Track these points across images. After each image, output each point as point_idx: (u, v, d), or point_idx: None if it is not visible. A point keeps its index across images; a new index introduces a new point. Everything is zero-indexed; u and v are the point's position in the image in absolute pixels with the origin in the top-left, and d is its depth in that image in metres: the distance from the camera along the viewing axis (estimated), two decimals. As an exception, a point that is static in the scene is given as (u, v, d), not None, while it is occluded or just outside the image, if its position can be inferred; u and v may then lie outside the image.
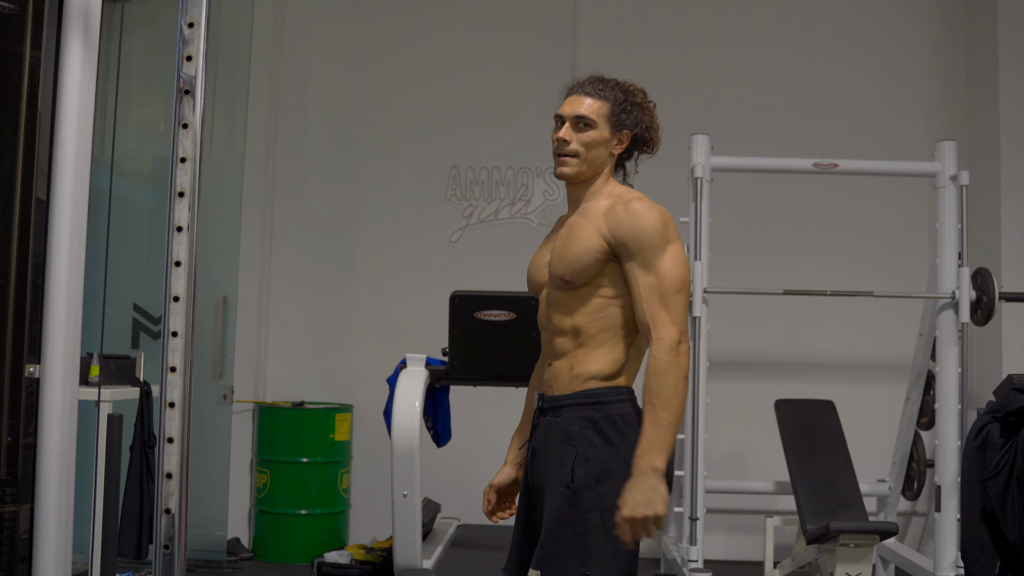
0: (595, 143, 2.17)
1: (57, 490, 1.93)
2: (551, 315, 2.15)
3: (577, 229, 2.12)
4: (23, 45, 2.02)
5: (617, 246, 2.06)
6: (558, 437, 2.09)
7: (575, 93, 2.24)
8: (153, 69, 5.42)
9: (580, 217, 2.15)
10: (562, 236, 2.16)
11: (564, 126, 2.19)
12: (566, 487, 2.03)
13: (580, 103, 2.20)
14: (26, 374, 1.97)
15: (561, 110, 2.22)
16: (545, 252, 2.23)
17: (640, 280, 2.03)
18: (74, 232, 1.97)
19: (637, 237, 2.04)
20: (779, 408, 4.67)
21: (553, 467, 2.07)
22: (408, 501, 3.77)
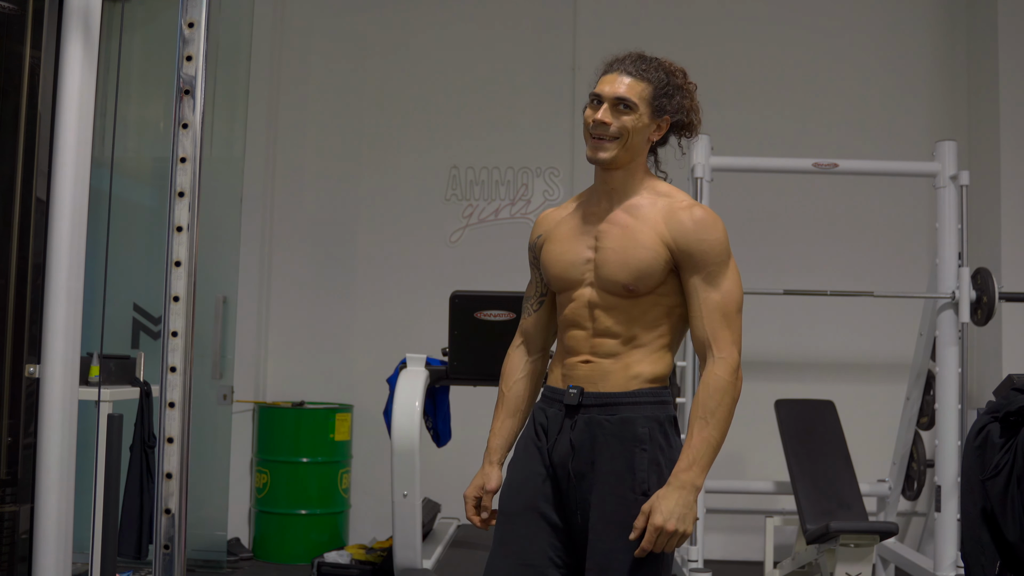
0: (636, 128, 2.04)
1: (57, 490, 1.93)
2: (596, 316, 2.04)
3: (635, 233, 2.01)
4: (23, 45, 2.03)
5: (681, 256, 2.00)
6: (618, 436, 1.99)
7: (615, 71, 2.07)
8: (153, 69, 5.42)
9: (631, 217, 2.04)
10: (614, 236, 2.03)
11: (603, 107, 2.04)
12: (642, 494, 1.96)
13: (621, 83, 2.04)
14: (26, 374, 1.97)
15: (599, 88, 2.06)
16: (579, 247, 2.08)
17: (703, 295, 2.00)
18: (74, 232, 1.97)
19: (704, 252, 2.00)
20: (779, 408, 4.67)
21: (616, 469, 1.98)
22: (408, 501, 3.77)
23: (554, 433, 2.07)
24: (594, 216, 2.10)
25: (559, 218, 2.19)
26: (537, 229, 2.23)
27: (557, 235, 2.15)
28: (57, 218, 1.95)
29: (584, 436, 2.02)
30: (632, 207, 2.06)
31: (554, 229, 2.17)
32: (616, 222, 2.05)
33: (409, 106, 5.82)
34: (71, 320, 1.96)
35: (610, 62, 2.12)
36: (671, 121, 2.11)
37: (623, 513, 1.95)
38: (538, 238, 2.21)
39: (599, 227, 2.07)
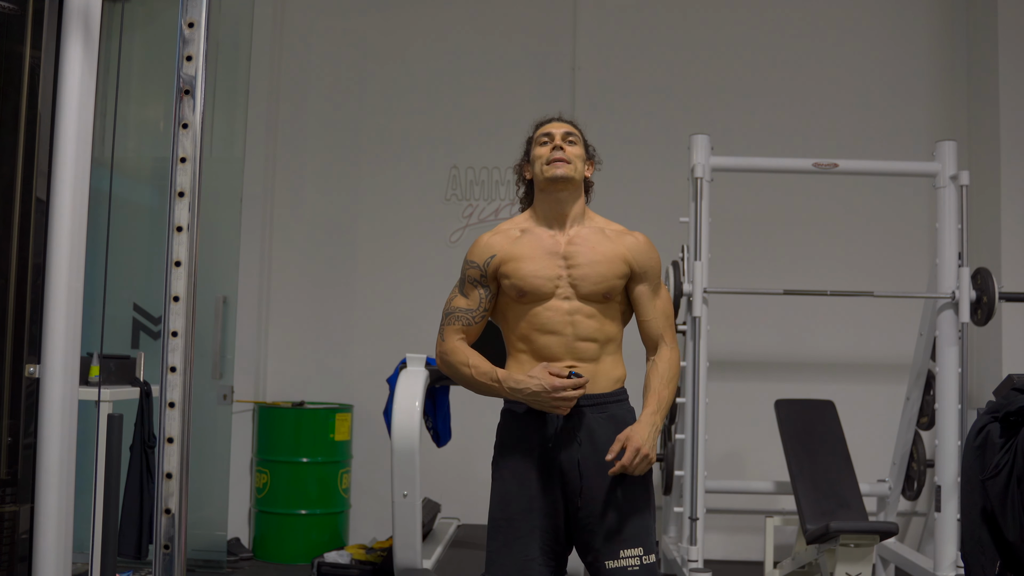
0: (581, 156, 2.56)
1: (57, 490, 1.93)
2: (576, 324, 2.42)
3: (602, 251, 2.45)
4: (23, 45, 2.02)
5: (636, 270, 2.48)
6: (615, 429, 2.39)
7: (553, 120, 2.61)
8: (153, 69, 5.42)
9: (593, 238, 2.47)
10: (584, 254, 2.44)
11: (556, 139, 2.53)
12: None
13: (564, 125, 2.58)
14: (26, 374, 1.97)
15: (547, 130, 2.57)
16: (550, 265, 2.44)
17: (652, 302, 2.50)
18: (74, 232, 1.97)
19: (652, 267, 2.51)
20: (779, 408, 4.67)
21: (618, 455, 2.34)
22: (408, 501, 3.77)
23: (552, 434, 2.41)
24: (553, 239, 2.49)
25: (510, 240, 2.51)
26: (485, 250, 2.51)
27: (519, 255, 2.47)
28: (57, 218, 1.95)
29: (583, 432, 2.40)
30: (587, 231, 2.50)
31: (511, 250, 2.48)
32: (581, 244, 2.47)
33: (409, 106, 5.82)
34: (71, 320, 1.96)
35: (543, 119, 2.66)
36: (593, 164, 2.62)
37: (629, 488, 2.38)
38: (491, 258, 2.49)
39: (562, 250, 2.46)
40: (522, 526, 2.37)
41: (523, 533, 2.36)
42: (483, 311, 2.51)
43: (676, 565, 4.52)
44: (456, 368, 2.48)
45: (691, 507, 4.24)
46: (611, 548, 2.34)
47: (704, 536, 4.26)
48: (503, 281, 2.47)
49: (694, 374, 4.27)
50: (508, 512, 2.39)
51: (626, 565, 2.32)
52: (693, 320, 4.29)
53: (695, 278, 4.29)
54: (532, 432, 2.41)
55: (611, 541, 2.34)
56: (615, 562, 2.33)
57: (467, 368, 2.45)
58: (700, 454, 4.24)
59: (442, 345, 2.53)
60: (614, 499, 2.36)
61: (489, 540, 2.42)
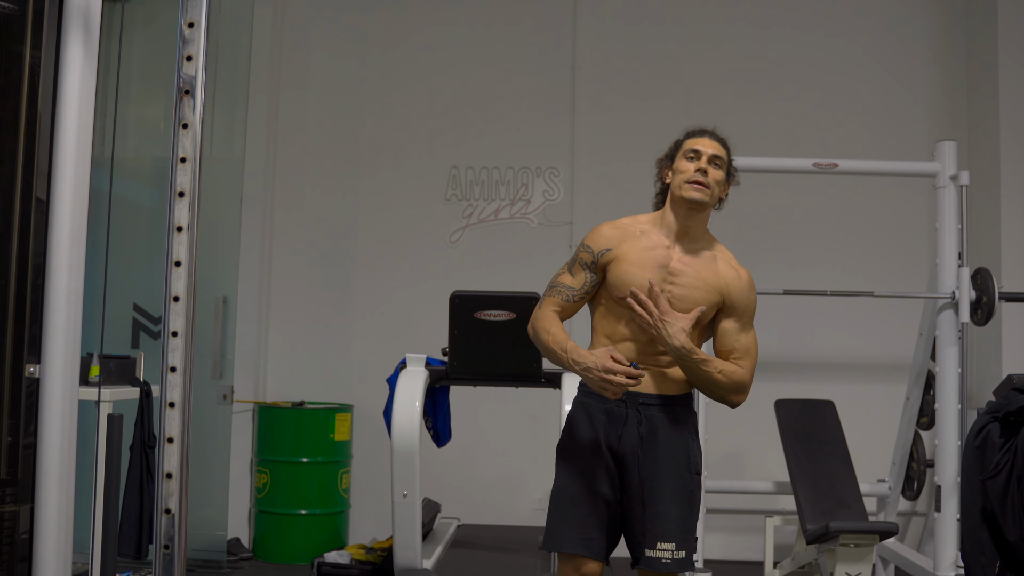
0: (721, 182, 2.62)
1: (57, 490, 1.92)
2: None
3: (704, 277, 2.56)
4: (23, 45, 2.02)
5: (729, 303, 2.59)
6: (676, 429, 2.56)
7: (706, 135, 2.62)
8: (153, 69, 5.42)
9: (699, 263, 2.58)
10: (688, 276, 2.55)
11: (703, 158, 2.57)
12: (696, 474, 2.58)
13: (714, 145, 2.60)
14: (26, 374, 1.97)
15: (697, 146, 2.59)
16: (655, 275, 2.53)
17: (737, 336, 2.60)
18: (74, 232, 1.96)
19: (747, 307, 2.61)
20: (779, 408, 4.67)
21: (677, 455, 2.54)
22: (408, 501, 3.77)
23: (619, 425, 2.55)
24: (665, 252, 2.58)
25: (625, 237, 2.60)
26: (603, 241, 2.61)
27: (628, 257, 2.57)
28: (57, 218, 1.95)
29: (647, 427, 2.54)
30: (698, 254, 2.59)
31: (624, 248, 2.59)
32: (688, 264, 2.57)
33: (409, 106, 5.82)
34: (71, 320, 1.96)
35: (697, 129, 2.66)
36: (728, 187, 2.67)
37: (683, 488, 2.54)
38: (606, 251, 2.60)
39: (671, 264, 2.56)
40: (583, 506, 2.54)
41: (584, 513, 2.54)
42: (584, 292, 2.62)
43: (676, 565, 4.52)
44: (538, 333, 2.61)
45: (691, 507, 4.24)
46: (651, 538, 2.51)
47: (704, 536, 4.26)
48: (609, 276, 2.58)
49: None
50: (572, 492, 2.57)
51: (660, 556, 2.50)
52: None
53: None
54: (600, 422, 2.56)
55: (653, 532, 2.51)
56: (652, 551, 2.51)
57: (546, 334, 2.58)
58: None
59: (536, 312, 2.65)
60: (665, 496, 2.52)
61: (552, 516, 2.60)
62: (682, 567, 2.52)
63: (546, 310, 2.62)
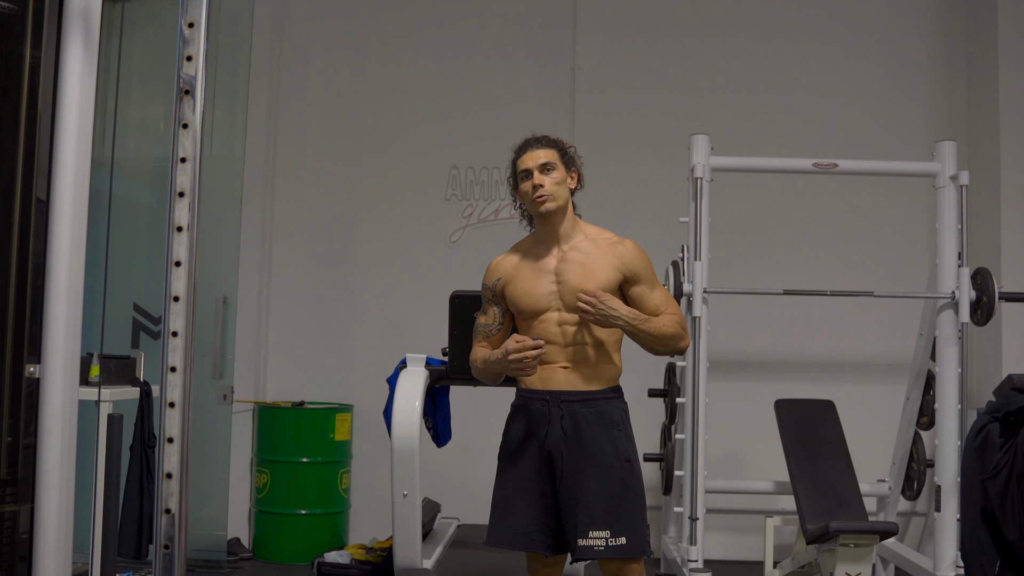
0: (560, 181, 2.76)
1: (57, 490, 1.93)
2: (566, 333, 2.70)
3: (591, 264, 2.70)
4: (23, 45, 2.02)
5: (629, 275, 2.73)
6: (600, 423, 2.68)
7: (529, 150, 2.79)
8: (153, 69, 5.42)
9: (581, 254, 2.72)
10: (573, 271, 2.70)
11: (535, 175, 2.74)
12: (626, 460, 2.67)
13: (538, 153, 2.77)
14: (26, 374, 1.97)
15: (525, 165, 2.77)
16: (544, 283, 2.73)
17: (649, 294, 2.74)
18: (74, 232, 1.96)
19: (644, 269, 2.75)
20: (779, 408, 4.66)
21: (602, 447, 2.66)
22: (408, 501, 3.77)
23: (545, 424, 2.69)
24: (546, 259, 2.78)
25: (513, 264, 2.84)
26: (494, 274, 2.86)
27: (518, 276, 2.79)
28: (57, 218, 1.95)
29: (570, 423, 2.68)
30: (578, 247, 2.76)
31: (513, 272, 2.81)
32: (571, 260, 2.74)
33: (409, 106, 5.82)
34: (71, 320, 1.96)
35: (519, 146, 2.83)
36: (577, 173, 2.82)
37: (614, 476, 2.65)
38: (497, 281, 2.84)
39: (556, 266, 2.74)
40: (516, 503, 2.70)
41: (517, 509, 2.69)
42: (498, 324, 2.86)
43: (676, 565, 4.52)
44: (474, 365, 2.85)
45: (691, 507, 4.24)
46: (582, 528, 2.62)
47: (704, 536, 4.26)
48: (508, 298, 2.81)
49: (694, 374, 4.27)
50: (505, 491, 2.73)
51: (592, 544, 2.61)
52: (693, 320, 4.29)
53: (695, 278, 4.29)
54: (530, 422, 2.72)
55: (583, 522, 2.62)
56: (584, 540, 2.62)
57: (478, 362, 2.81)
58: (700, 454, 4.24)
59: (470, 357, 2.87)
60: (591, 486, 2.64)
61: (491, 515, 2.75)
62: (624, 553, 2.61)
63: (475, 349, 2.87)
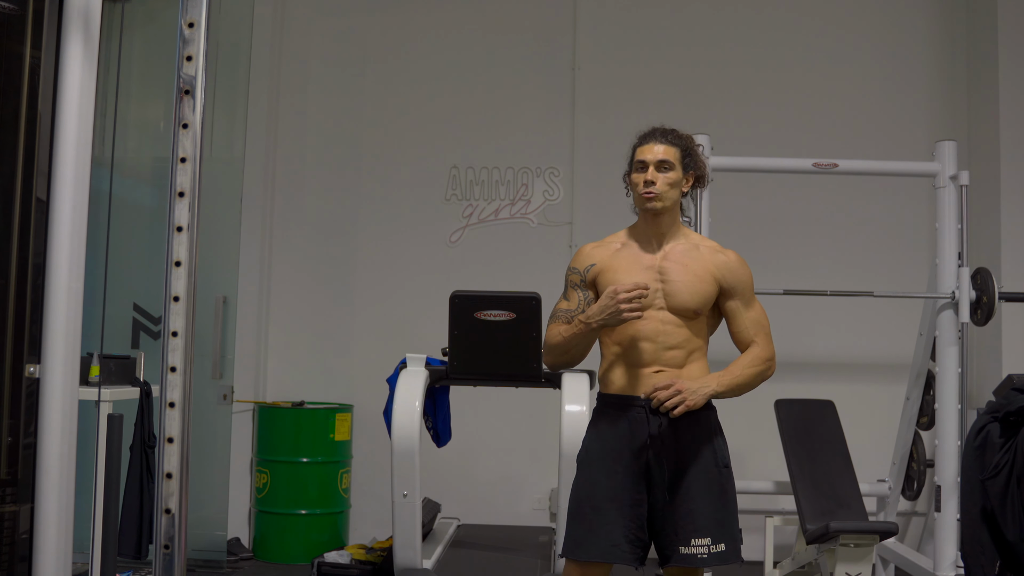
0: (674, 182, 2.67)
1: (57, 490, 1.92)
2: (666, 333, 2.62)
3: (694, 270, 2.64)
4: (23, 45, 2.02)
5: (726, 287, 2.68)
6: (698, 429, 2.61)
7: (650, 141, 2.69)
8: (153, 69, 5.42)
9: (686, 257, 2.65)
10: (677, 272, 2.63)
11: (649, 168, 2.65)
12: (724, 466, 2.64)
13: (659, 149, 2.67)
14: (26, 374, 1.97)
15: (642, 156, 2.68)
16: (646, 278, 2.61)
17: (744, 313, 2.69)
18: (74, 232, 1.96)
19: (744, 283, 2.70)
20: (779, 408, 4.66)
21: (703, 453, 2.60)
22: (408, 501, 3.77)
23: (643, 431, 2.59)
24: (648, 256, 2.68)
25: (609, 253, 2.71)
26: (586, 259, 2.73)
27: (616, 266, 2.67)
28: (57, 218, 1.95)
29: (668, 429, 2.58)
30: (682, 248, 2.69)
31: (609, 261, 2.69)
32: (675, 260, 2.66)
33: (409, 106, 5.82)
34: (71, 320, 1.96)
35: (642, 135, 2.74)
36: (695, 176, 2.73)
37: (714, 483, 2.61)
38: (591, 267, 2.71)
39: (660, 264, 2.66)
40: (609, 513, 2.57)
41: (610, 520, 2.57)
42: (581, 311, 2.68)
43: (676, 565, 4.52)
44: (551, 344, 2.69)
45: (691, 507, 4.24)
46: (684, 536, 2.56)
47: (704, 536, 4.25)
48: (600, 287, 2.67)
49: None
50: (594, 500, 2.59)
51: (695, 552, 2.56)
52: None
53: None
54: (622, 426, 2.62)
55: (686, 529, 2.56)
56: (686, 548, 2.56)
57: (558, 336, 2.66)
58: (700, 454, 4.23)
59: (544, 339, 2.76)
60: (694, 494, 2.58)
61: (573, 524, 2.62)
62: (723, 560, 2.60)
63: (552, 328, 2.73)
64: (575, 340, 2.63)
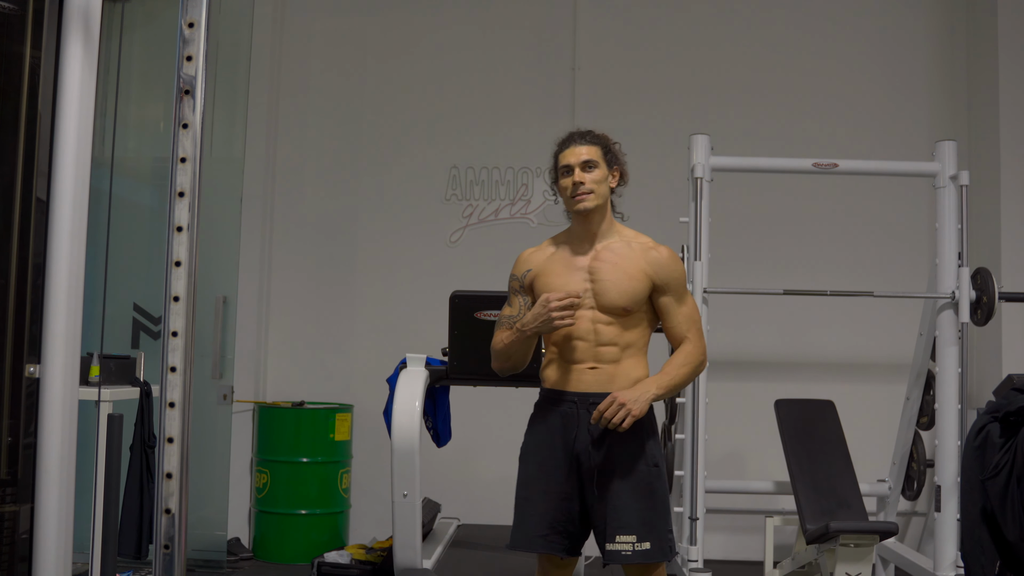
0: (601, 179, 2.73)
1: (57, 490, 1.92)
2: (598, 331, 2.67)
3: (624, 266, 2.67)
4: (23, 45, 2.02)
5: (659, 283, 2.69)
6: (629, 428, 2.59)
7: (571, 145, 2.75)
8: (153, 69, 5.42)
9: (615, 256, 2.69)
10: (607, 271, 2.67)
11: (576, 171, 2.71)
12: (654, 465, 2.65)
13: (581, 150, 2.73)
14: (26, 374, 1.97)
15: (566, 161, 2.73)
16: (577, 279, 2.68)
17: (676, 309, 2.72)
18: (74, 232, 1.96)
19: (676, 279, 2.71)
20: (779, 408, 4.66)
21: (632, 451, 2.63)
22: (408, 501, 3.77)
23: (573, 427, 2.66)
24: (581, 257, 2.73)
25: (545, 257, 2.79)
26: (524, 265, 2.81)
27: (549, 270, 2.74)
28: (57, 218, 1.95)
29: (599, 428, 2.62)
30: (612, 247, 2.72)
31: (544, 265, 2.76)
32: (605, 260, 2.70)
33: (409, 106, 5.82)
34: (71, 320, 1.96)
35: (562, 139, 2.79)
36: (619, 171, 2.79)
37: (642, 481, 2.63)
38: (527, 272, 2.79)
39: (590, 264, 2.70)
40: (537, 505, 2.69)
41: (537, 512, 2.69)
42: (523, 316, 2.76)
43: (676, 565, 4.52)
44: (495, 350, 2.79)
45: (691, 507, 4.24)
46: (611, 533, 2.60)
47: (704, 536, 4.26)
48: (536, 291, 2.75)
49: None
50: (530, 492, 2.73)
51: (619, 549, 2.59)
52: (693, 320, 4.29)
53: (695, 278, 4.29)
54: (553, 421, 2.70)
55: (611, 527, 2.60)
56: (611, 545, 2.60)
57: (500, 343, 2.76)
58: (700, 454, 4.24)
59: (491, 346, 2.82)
60: (620, 491, 2.61)
61: (514, 517, 2.77)
62: (647, 558, 2.59)
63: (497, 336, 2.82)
64: (514, 347, 2.72)
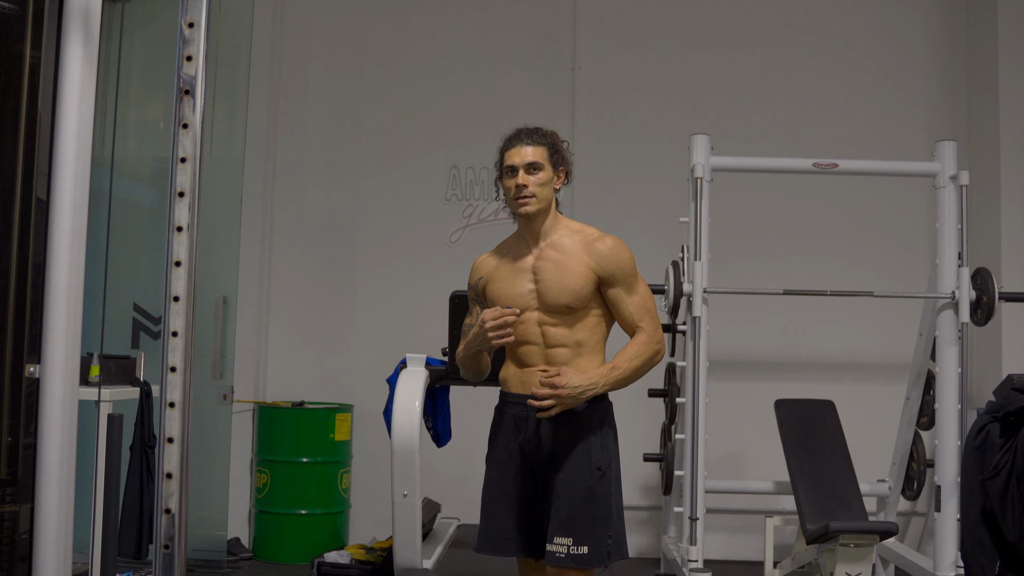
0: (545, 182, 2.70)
1: (57, 490, 1.92)
2: (545, 333, 2.65)
3: (567, 263, 2.63)
4: (23, 45, 2.02)
5: (604, 276, 2.64)
6: (575, 429, 2.61)
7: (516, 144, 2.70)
8: (153, 69, 5.42)
9: (558, 253, 2.65)
10: (549, 270, 2.64)
11: (519, 173, 2.67)
12: (597, 469, 2.60)
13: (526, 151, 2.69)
14: (26, 374, 1.97)
15: (511, 161, 2.69)
16: (521, 282, 2.67)
17: (627, 299, 2.66)
18: (74, 232, 1.96)
19: (622, 270, 2.65)
20: (779, 408, 4.66)
21: (575, 453, 2.60)
22: (408, 501, 3.77)
23: (523, 429, 2.66)
24: (525, 257, 2.71)
25: (495, 263, 2.78)
26: (477, 273, 2.82)
27: (498, 275, 2.73)
28: (57, 218, 1.95)
29: (547, 430, 2.63)
30: (555, 244, 2.68)
31: (493, 271, 2.76)
32: (547, 259, 2.67)
33: (409, 106, 5.82)
34: (71, 320, 1.96)
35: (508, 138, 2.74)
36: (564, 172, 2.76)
37: (583, 484, 2.59)
38: (479, 280, 2.79)
39: (533, 264, 2.68)
40: (498, 508, 2.69)
41: (499, 515, 2.69)
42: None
43: (676, 565, 4.52)
44: (459, 360, 2.83)
45: (691, 507, 4.24)
46: (550, 533, 2.60)
47: (704, 536, 4.26)
48: (488, 299, 2.76)
49: (694, 374, 4.26)
50: (490, 495, 2.72)
51: (555, 551, 2.57)
52: (693, 320, 4.29)
53: (695, 278, 4.29)
54: (507, 423, 2.71)
55: (551, 527, 2.60)
56: (549, 546, 2.59)
57: (460, 354, 2.79)
58: (700, 454, 4.24)
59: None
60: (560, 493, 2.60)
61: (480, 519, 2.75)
62: (582, 563, 2.56)
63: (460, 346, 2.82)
64: (468, 360, 2.76)
